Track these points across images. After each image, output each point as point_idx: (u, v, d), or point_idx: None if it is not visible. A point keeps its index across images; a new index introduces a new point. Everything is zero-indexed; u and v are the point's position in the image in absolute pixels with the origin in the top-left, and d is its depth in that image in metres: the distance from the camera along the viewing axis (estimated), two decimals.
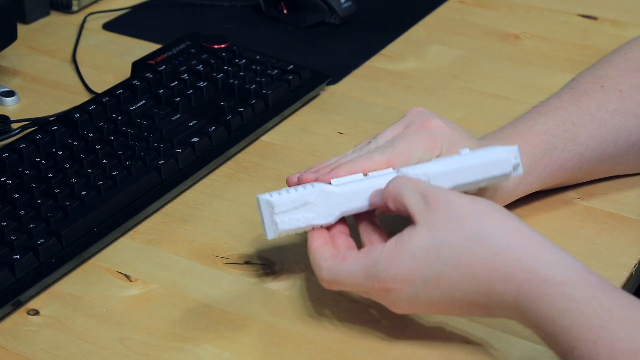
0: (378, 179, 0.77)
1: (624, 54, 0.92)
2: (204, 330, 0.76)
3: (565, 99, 0.89)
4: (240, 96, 1.01)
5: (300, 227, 0.76)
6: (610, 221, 0.88)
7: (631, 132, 0.88)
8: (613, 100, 0.88)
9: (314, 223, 0.76)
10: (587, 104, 0.88)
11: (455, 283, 0.70)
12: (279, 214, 0.75)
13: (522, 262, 0.68)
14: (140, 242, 0.86)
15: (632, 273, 0.83)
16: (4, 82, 1.10)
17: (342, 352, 0.74)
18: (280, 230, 0.75)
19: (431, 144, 0.80)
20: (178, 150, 0.92)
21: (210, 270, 0.83)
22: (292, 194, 0.75)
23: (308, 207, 0.76)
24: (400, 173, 0.77)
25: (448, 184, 0.77)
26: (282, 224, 0.75)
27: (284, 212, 0.75)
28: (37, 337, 0.76)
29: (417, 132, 0.81)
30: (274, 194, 0.75)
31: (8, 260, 0.79)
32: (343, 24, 1.20)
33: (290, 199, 0.75)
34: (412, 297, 0.71)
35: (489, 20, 1.22)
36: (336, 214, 0.76)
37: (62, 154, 0.90)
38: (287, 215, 0.75)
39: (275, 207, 0.75)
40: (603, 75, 0.90)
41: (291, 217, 0.75)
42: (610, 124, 0.87)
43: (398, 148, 0.79)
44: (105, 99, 0.98)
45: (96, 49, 1.16)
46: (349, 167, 0.78)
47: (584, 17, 1.23)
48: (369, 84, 1.09)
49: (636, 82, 0.89)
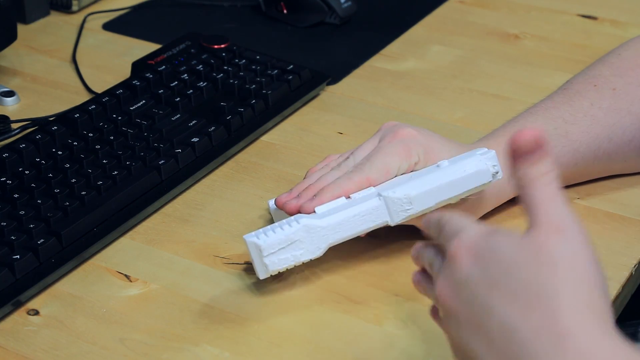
0: (362, 206, 0.78)
1: (618, 54, 0.92)
2: (204, 330, 0.76)
3: (557, 99, 0.89)
4: (240, 96, 1.01)
5: (290, 264, 0.77)
6: (610, 221, 0.88)
7: (626, 128, 0.88)
8: (606, 98, 0.88)
9: (302, 259, 0.77)
10: (579, 103, 0.88)
11: (506, 303, 0.60)
12: (268, 256, 0.76)
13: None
14: (140, 242, 0.86)
15: (632, 273, 0.83)
16: (4, 82, 1.10)
17: (342, 352, 0.74)
18: (271, 271, 0.77)
19: (406, 153, 0.81)
20: (178, 150, 0.92)
21: (210, 270, 0.83)
22: (279, 234, 0.76)
23: (295, 245, 0.77)
24: (383, 197, 0.78)
25: (430, 203, 0.78)
26: (272, 265, 0.76)
27: (273, 254, 0.76)
28: (37, 337, 0.76)
29: (391, 144, 0.82)
30: (260, 236, 0.76)
31: (8, 260, 0.79)
32: (343, 24, 1.20)
33: (277, 240, 0.76)
34: (459, 281, 0.61)
35: (489, 20, 1.22)
36: (323, 246, 0.78)
37: (62, 154, 0.90)
38: (275, 256, 0.76)
39: (263, 251, 0.76)
40: (596, 75, 0.90)
41: (280, 258, 0.76)
42: (604, 121, 0.87)
43: (375, 163, 0.80)
44: (105, 99, 0.98)
45: (96, 49, 1.16)
46: (331, 193, 0.79)
47: (584, 17, 1.23)
48: (369, 84, 1.09)
49: (630, 80, 0.89)
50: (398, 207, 0.78)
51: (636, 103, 0.88)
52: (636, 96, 0.88)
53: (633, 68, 0.90)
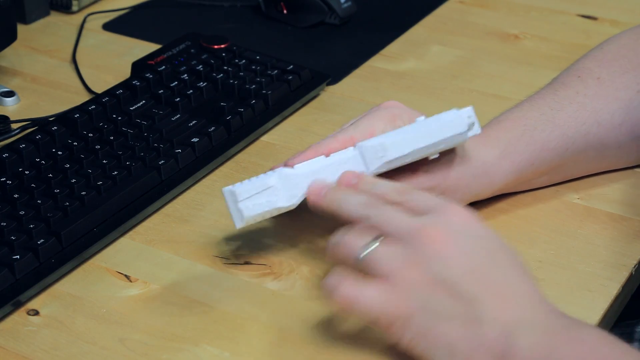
0: (337, 156, 0.80)
1: (601, 48, 0.94)
2: (204, 330, 0.77)
3: (542, 91, 0.90)
4: (240, 96, 1.01)
5: (266, 210, 0.77)
6: (610, 221, 0.88)
7: (614, 113, 0.88)
8: (592, 86, 0.89)
9: (278, 206, 0.78)
10: (564, 92, 0.89)
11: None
12: (243, 201, 0.77)
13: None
14: (140, 242, 0.86)
15: (632, 273, 0.83)
16: (4, 82, 1.10)
17: (342, 352, 0.74)
18: (247, 217, 0.77)
19: (391, 117, 0.84)
20: (178, 150, 0.92)
21: (210, 270, 0.83)
22: (253, 180, 0.77)
23: (270, 191, 0.77)
24: (358, 146, 0.80)
25: (405, 150, 0.79)
26: (247, 210, 0.77)
27: (247, 199, 0.77)
28: (37, 337, 0.76)
29: (377, 110, 0.85)
30: (236, 184, 0.77)
31: (8, 260, 0.79)
32: (343, 24, 1.20)
33: (251, 186, 0.77)
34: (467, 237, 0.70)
35: (488, 20, 1.22)
36: (299, 194, 0.78)
37: (62, 154, 0.90)
38: (250, 201, 0.77)
39: (238, 195, 0.77)
40: (580, 68, 0.91)
41: (255, 203, 0.77)
42: (591, 106, 0.88)
43: (360, 125, 0.83)
44: (105, 99, 0.98)
45: (96, 49, 1.16)
46: (314, 150, 0.81)
47: (584, 17, 1.23)
48: (369, 84, 1.09)
49: (613, 69, 0.90)
50: (372, 154, 0.79)
51: (622, 89, 0.89)
52: (621, 83, 0.89)
53: (617, 59, 0.91)
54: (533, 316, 0.67)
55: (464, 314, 0.67)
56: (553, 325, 0.66)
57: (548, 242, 0.85)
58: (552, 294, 0.79)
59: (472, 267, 0.68)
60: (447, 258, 0.68)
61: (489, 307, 0.67)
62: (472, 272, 0.68)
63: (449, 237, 0.69)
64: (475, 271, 0.68)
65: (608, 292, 0.80)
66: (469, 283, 0.68)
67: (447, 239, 0.69)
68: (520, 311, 0.67)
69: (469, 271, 0.68)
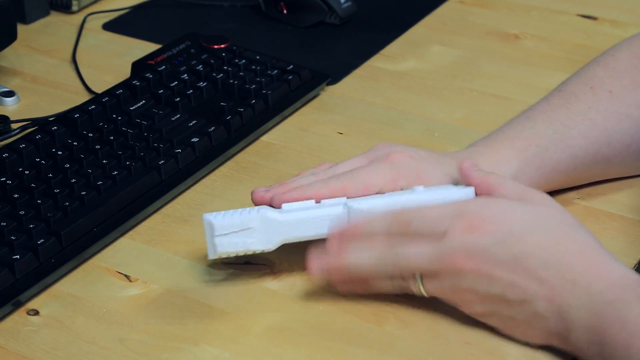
0: (326, 209, 0.77)
1: (612, 55, 0.91)
2: (204, 330, 0.76)
3: (554, 101, 0.88)
4: (240, 96, 1.01)
5: (240, 250, 0.76)
6: (610, 221, 0.88)
7: (625, 133, 0.88)
8: (604, 101, 0.88)
9: (252, 248, 0.77)
10: (576, 106, 0.88)
11: (539, 247, 0.71)
12: (219, 237, 0.76)
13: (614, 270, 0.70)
14: (140, 242, 0.86)
15: None
16: (4, 82, 1.10)
17: (342, 352, 0.74)
18: (219, 252, 0.76)
19: (393, 177, 0.79)
20: (178, 150, 0.92)
21: (210, 270, 0.83)
22: (235, 218, 0.76)
23: (248, 232, 0.76)
24: (348, 205, 0.77)
25: None
26: (221, 246, 0.76)
27: (224, 235, 0.76)
28: (37, 337, 0.76)
29: (379, 164, 0.80)
30: (218, 216, 0.76)
31: (8, 260, 0.79)
32: (343, 24, 1.20)
33: (231, 223, 0.76)
34: (488, 247, 0.71)
35: (488, 20, 1.22)
36: (276, 241, 0.77)
37: (62, 154, 0.90)
38: (226, 238, 0.76)
39: (215, 230, 0.76)
40: (592, 77, 0.90)
41: (230, 241, 0.76)
42: (602, 125, 0.87)
43: (356, 177, 0.79)
44: (105, 99, 0.98)
45: (96, 49, 1.16)
46: (302, 191, 0.79)
47: (584, 17, 1.23)
48: (369, 84, 1.09)
49: (626, 83, 0.88)
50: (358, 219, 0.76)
51: (633, 107, 0.88)
52: (632, 99, 0.88)
53: (628, 70, 0.89)
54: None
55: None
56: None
57: None
58: None
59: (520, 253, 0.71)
60: (488, 274, 0.72)
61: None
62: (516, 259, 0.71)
63: (475, 254, 0.72)
64: (522, 259, 0.71)
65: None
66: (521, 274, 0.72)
67: (475, 257, 0.72)
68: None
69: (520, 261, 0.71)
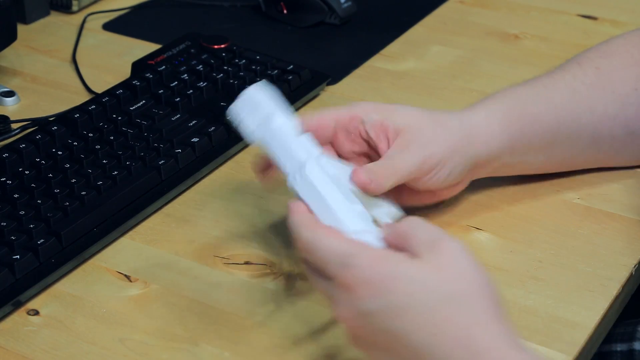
0: (298, 149, 0.78)
1: (607, 41, 0.92)
2: (204, 330, 0.77)
3: (539, 75, 0.89)
4: None
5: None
6: (610, 221, 0.88)
7: (609, 105, 0.87)
8: (590, 75, 0.88)
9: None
10: (561, 75, 0.88)
11: (417, 326, 0.63)
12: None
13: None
14: (140, 242, 0.86)
15: (632, 273, 0.83)
16: (4, 82, 1.10)
17: (342, 352, 0.74)
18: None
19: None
20: (178, 150, 0.92)
21: (210, 270, 0.83)
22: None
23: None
24: (307, 163, 0.75)
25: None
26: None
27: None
28: (37, 337, 0.76)
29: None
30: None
31: (8, 260, 0.79)
32: (343, 24, 1.20)
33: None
34: (364, 312, 0.65)
35: (489, 20, 1.22)
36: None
37: (62, 154, 0.90)
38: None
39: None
40: (581, 56, 0.90)
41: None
42: (585, 94, 0.87)
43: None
44: (105, 99, 0.98)
45: (96, 49, 1.16)
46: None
47: (584, 17, 1.23)
48: (369, 84, 1.09)
49: (615, 63, 0.88)
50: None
51: (619, 85, 0.87)
52: (620, 78, 0.88)
53: (620, 53, 0.89)
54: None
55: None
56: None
57: (548, 242, 0.85)
58: (552, 294, 0.80)
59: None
60: (364, 336, 0.66)
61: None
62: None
63: (353, 312, 0.66)
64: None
65: (608, 292, 0.80)
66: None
67: (352, 315, 0.66)
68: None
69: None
